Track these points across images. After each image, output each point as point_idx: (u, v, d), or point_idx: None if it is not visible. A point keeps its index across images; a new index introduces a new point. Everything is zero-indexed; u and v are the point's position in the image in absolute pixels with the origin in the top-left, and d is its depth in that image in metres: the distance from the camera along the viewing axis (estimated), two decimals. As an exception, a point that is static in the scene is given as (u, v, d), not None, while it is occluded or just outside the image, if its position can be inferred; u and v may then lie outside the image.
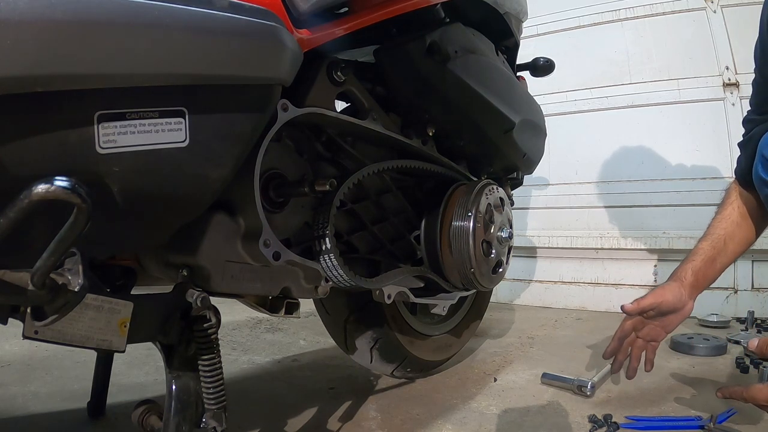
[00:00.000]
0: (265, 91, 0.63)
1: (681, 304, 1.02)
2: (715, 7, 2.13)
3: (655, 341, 1.07)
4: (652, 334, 1.06)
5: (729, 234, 1.07)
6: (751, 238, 1.10)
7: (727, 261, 1.08)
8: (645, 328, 1.06)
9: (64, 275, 0.49)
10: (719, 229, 1.08)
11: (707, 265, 1.05)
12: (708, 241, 1.07)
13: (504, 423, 1.05)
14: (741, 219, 1.08)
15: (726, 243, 1.07)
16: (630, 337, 1.07)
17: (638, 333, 1.07)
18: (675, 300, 1.01)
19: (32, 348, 1.52)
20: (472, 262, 1.00)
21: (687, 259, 1.08)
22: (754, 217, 1.08)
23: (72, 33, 0.44)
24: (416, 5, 0.87)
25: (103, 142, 0.50)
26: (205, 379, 0.68)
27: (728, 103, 2.08)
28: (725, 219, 1.09)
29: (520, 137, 1.17)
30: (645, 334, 1.07)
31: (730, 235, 1.07)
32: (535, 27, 2.42)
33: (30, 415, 1.08)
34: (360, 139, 0.93)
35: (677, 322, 1.05)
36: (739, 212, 1.09)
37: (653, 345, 1.07)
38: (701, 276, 1.05)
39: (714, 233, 1.08)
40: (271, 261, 0.72)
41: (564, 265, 2.36)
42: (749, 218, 1.08)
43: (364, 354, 1.23)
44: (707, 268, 1.05)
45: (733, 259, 1.09)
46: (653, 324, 1.05)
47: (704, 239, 1.09)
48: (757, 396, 0.82)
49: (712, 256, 1.06)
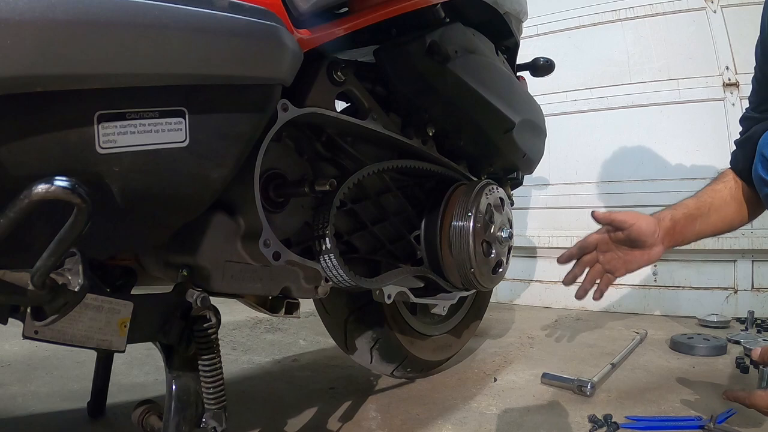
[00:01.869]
0: (265, 91, 0.63)
1: (651, 239, 0.99)
2: (715, 7, 2.13)
3: (612, 274, 1.04)
4: (612, 264, 1.04)
5: (715, 205, 1.06)
6: (735, 221, 1.08)
7: (705, 228, 1.06)
8: (608, 254, 1.04)
9: (64, 275, 0.49)
10: (707, 196, 1.07)
11: (686, 221, 1.03)
12: (694, 200, 1.06)
13: (504, 423, 1.05)
14: (731, 199, 1.07)
15: (710, 211, 1.05)
16: (590, 256, 1.05)
17: (601, 256, 1.04)
18: (648, 231, 0.98)
19: (32, 348, 1.52)
20: (472, 262, 1.00)
21: (669, 207, 1.05)
22: (745, 203, 1.08)
23: (72, 33, 0.44)
24: (416, 5, 0.87)
25: (103, 142, 0.50)
26: (205, 379, 0.68)
27: (728, 103, 2.08)
28: (716, 191, 1.08)
29: (520, 137, 1.17)
30: (605, 260, 1.04)
31: (716, 206, 1.06)
32: (535, 27, 2.42)
33: (30, 415, 1.08)
34: (360, 139, 0.93)
35: (641, 262, 1.02)
36: (730, 193, 1.07)
37: (609, 277, 1.05)
38: (678, 227, 1.02)
39: (702, 197, 1.07)
40: (271, 261, 0.72)
41: (564, 265, 2.36)
42: (740, 202, 1.07)
43: (364, 354, 1.23)
44: (686, 224, 1.03)
45: (712, 231, 1.07)
46: (617, 252, 1.03)
47: (691, 198, 1.07)
48: (758, 403, 0.81)
49: (694, 215, 1.04)
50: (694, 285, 2.08)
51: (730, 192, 1.08)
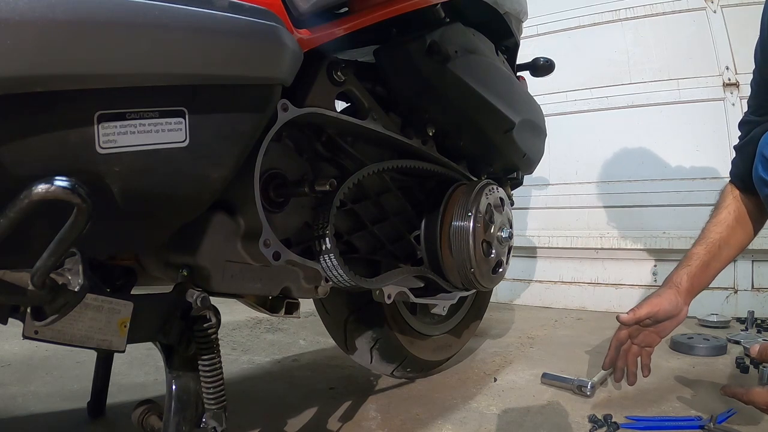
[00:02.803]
0: (265, 91, 0.63)
1: (676, 310, 1.03)
2: (715, 7, 2.13)
3: (650, 347, 1.08)
4: (647, 340, 1.08)
5: (724, 239, 1.08)
6: (745, 242, 1.10)
7: (720, 266, 1.09)
8: (640, 335, 1.08)
9: (64, 275, 0.49)
10: (714, 233, 1.09)
11: (702, 270, 1.06)
12: (703, 245, 1.08)
13: (504, 423, 1.05)
14: (736, 223, 1.08)
15: (720, 248, 1.07)
16: (626, 345, 1.08)
17: (633, 340, 1.08)
18: (671, 308, 1.03)
19: (32, 348, 1.52)
20: (472, 262, 1.00)
21: (682, 263, 1.08)
22: (751, 220, 1.08)
23: (72, 33, 0.44)
24: (416, 5, 0.87)
25: (103, 142, 0.50)
26: (205, 379, 0.68)
27: (728, 103, 2.08)
28: (720, 223, 1.09)
29: (520, 137, 1.17)
30: (640, 341, 1.08)
31: (725, 239, 1.08)
32: (535, 27, 2.42)
33: (30, 415, 1.08)
34: (360, 139, 0.93)
35: (672, 327, 1.06)
36: (734, 216, 1.09)
37: (648, 350, 1.09)
38: (696, 281, 1.06)
39: (709, 237, 1.08)
40: (271, 261, 0.72)
41: (564, 265, 2.36)
42: (745, 222, 1.08)
43: (364, 354, 1.23)
44: (702, 274, 1.06)
45: (726, 264, 1.10)
46: (648, 330, 1.07)
47: (699, 243, 1.09)
48: (756, 399, 0.82)
49: (707, 261, 1.06)
50: (693, 285, 2.08)
51: (734, 216, 1.09)
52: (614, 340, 1.08)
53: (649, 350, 1.09)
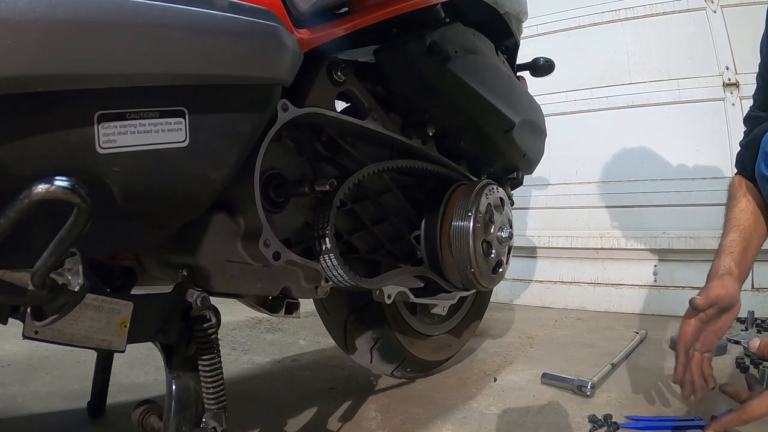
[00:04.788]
0: (265, 91, 0.63)
1: (736, 298, 0.94)
2: (715, 7, 2.13)
3: (709, 351, 0.97)
4: (707, 343, 0.97)
5: (753, 225, 1.02)
6: (764, 234, 1.05)
7: (754, 253, 1.02)
8: (701, 337, 0.97)
9: (64, 275, 0.49)
10: (743, 220, 1.02)
11: (743, 257, 0.99)
12: (737, 232, 1.01)
13: (504, 423, 1.05)
14: (757, 211, 1.03)
15: (752, 234, 1.01)
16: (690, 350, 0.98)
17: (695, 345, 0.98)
18: (734, 293, 0.94)
19: (32, 348, 1.52)
20: (472, 262, 1.00)
21: (723, 252, 1.00)
22: (763, 213, 1.04)
23: (72, 33, 0.44)
24: (416, 5, 0.87)
25: (103, 142, 0.50)
26: (205, 379, 0.68)
27: (728, 103, 2.08)
28: (745, 210, 1.03)
29: (520, 137, 1.17)
30: (700, 345, 0.97)
31: (754, 226, 1.02)
32: (535, 27, 2.42)
33: (30, 415, 1.08)
34: (360, 139, 0.93)
35: (730, 322, 0.96)
36: (754, 204, 1.04)
37: (708, 357, 0.98)
38: (742, 269, 0.98)
39: (741, 224, 1.02)
40: (271, 261, 0.72)
41: (564, 265, 2.36)
42: (763, 212, 1.04)
43: (364, 354, 1.23)
44: (744, 261, 0.99)
45: (757, 252, 1.03)
46: (708, 330, 0.96)
47: (732, 231, 1.02)
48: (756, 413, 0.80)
49: (744, 248, 1.00)
50: (694, 285, 2.08)
51: (754, 204, 1.03)
52: (681, 344, 0.97)
53: (708, 356, 0.97)
